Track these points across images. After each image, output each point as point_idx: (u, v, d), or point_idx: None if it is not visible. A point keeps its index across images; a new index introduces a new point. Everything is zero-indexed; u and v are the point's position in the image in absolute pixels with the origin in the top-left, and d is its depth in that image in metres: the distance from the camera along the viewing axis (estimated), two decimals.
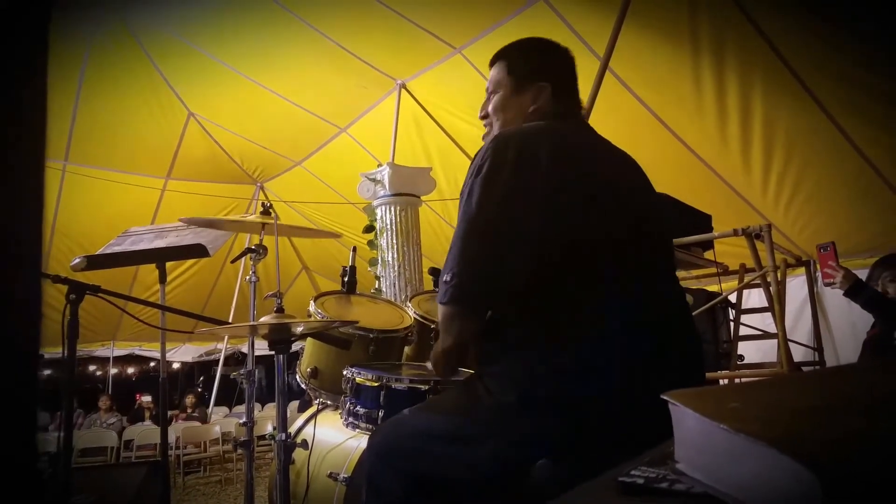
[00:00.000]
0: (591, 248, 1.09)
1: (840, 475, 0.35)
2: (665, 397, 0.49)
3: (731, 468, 0.42)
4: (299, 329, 1.72)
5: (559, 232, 1.08)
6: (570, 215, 1.09)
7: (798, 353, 3.86)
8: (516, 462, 1.06)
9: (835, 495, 0.34)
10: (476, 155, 1.16)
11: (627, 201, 1.18)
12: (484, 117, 1.40)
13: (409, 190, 4.04)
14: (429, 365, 1.54)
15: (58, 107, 5.00)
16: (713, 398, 0.50)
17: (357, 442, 1.91)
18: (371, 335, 2.07)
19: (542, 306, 1.09)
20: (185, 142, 5.88)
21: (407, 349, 2.24)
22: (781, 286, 3.73)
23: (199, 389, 11.42)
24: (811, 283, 4.24)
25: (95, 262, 2.23)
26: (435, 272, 2.44)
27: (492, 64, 1.39)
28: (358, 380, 1.75)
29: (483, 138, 1.37)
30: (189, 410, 7.88)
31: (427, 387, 1.62)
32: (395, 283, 3.84)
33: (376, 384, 1.68)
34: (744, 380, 3.31)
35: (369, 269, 4.04)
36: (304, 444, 1.84)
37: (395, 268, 3.85)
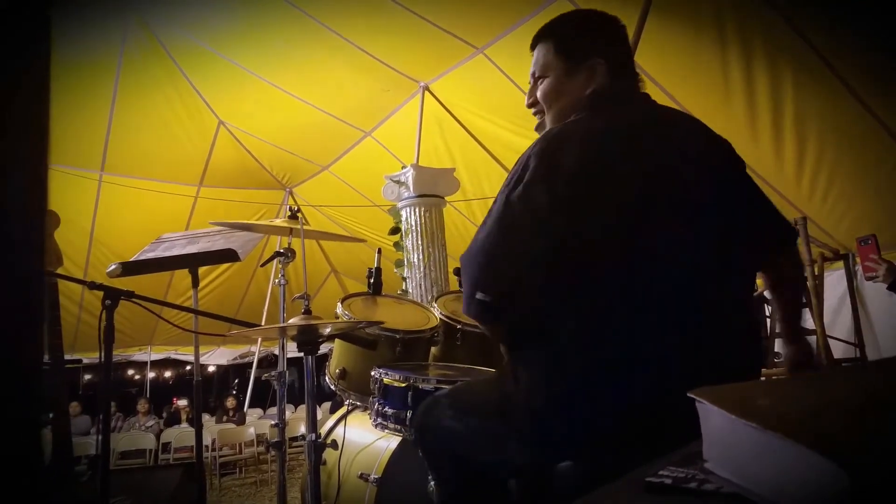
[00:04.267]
0: (633, 250, 1.02)
1: (869, 472, 0.33)
2: (692, 395, 0.48)
3: (760, 467, 0.40)
4: (326, 330, 1.73)
5: (594, 238, 1.02)
6: (604, 220, 1.03)
7: (838, 350, 3.73)
8: (541, 462, 1.06)
9: (864, 492, 0.33)
10: (518, 161, 1.08)
11: (681, 192, 1.06)
12: (532, 104, 1.25)
13: (433, 191, 4.04)
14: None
15: (93, 117, 5.17)
16: (741, 396, 0.49)
17: (387, 443, 1.92)
18: (397, 336, 2.08)
19: (574, 309, 1.04)
20: (216, 150, 6.00)
21: (433, 349, 2.24)
22: (819, 281, 3.62)
23: (234, 392, 11.62)
24: (850, 276, 4.09)
25: (130, 268, 2.29)
26: (460, 273, 2.44)
27: (534, 45, 1.23)
28: (385, 380, 1.76)
29: (536, 129, 1.25)
30: (230, 413, 8.04)
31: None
32: (421, 284, 3.85)
33: (404, 385, 1.69)
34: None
35: (395, 270, 4.06)
36: (334, 444, 1.86)
37: (421, 269, 3.86)
